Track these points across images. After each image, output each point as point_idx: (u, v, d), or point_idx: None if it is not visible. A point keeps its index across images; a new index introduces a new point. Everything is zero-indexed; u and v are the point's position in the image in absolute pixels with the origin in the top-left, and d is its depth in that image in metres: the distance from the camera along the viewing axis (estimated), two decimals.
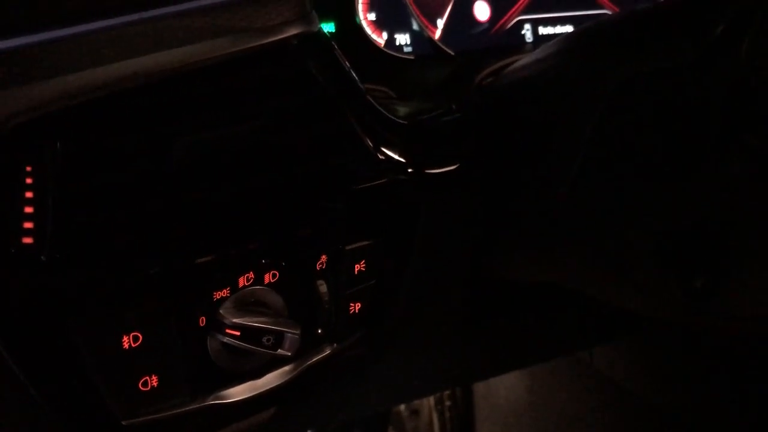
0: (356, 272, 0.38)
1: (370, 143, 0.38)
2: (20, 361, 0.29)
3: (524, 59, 0.47)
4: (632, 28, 0.39)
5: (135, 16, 0.32)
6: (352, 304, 0.38)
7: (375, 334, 0.40)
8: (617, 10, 0.60)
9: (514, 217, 0.45)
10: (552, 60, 0.43)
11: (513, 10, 0.55)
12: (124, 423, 0.32)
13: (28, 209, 0.28)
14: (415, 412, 1.26)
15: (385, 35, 0.51)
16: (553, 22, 0.56)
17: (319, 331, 0.37)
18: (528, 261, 0.48)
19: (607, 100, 0.37)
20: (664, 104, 0.34)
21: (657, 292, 0.38)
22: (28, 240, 0.28)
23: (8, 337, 0.28)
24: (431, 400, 1.22)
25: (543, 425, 1.19)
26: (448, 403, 1.23)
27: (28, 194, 0.28)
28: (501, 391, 1.23)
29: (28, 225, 0.28)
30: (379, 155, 0.38)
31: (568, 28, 0.56)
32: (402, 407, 1.25)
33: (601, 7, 0.58)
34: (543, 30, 0.56)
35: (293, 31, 0.36)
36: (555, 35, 0.55)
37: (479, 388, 1.24)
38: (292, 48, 0.36)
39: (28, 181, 0.28)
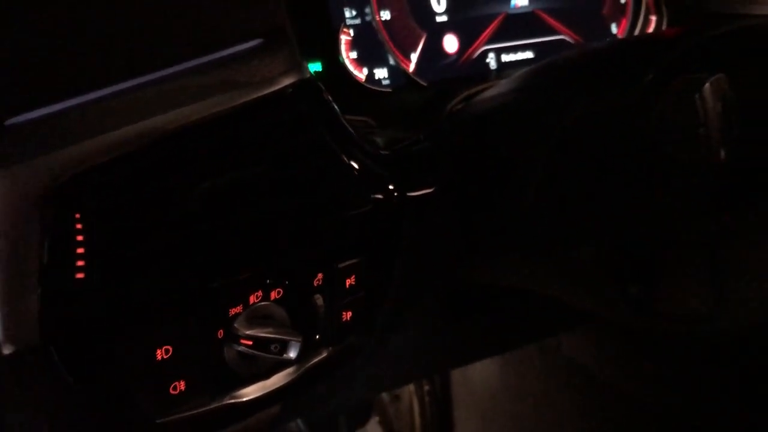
0: (347, 286, 0.43)
1: (358, 174, 0.43)
2: (73, 372, 0.34)
3: (490, 91, 0.52)
4: (581, 69, 0.45)
5: (158, 74, 0.38)
6: (344, 313, 0.44)
7: (365, 337, 0.45)
8: (576, 36, 0.64)
9: (485, 232, 0.51)
10: (513, 94, 0.49)
11: (479, 41, 0.60)
12: (158, 421, 0.37)
13: (80, 250, 0.33)
14: (396, 398, 1.30)
15: (365, 71, 0.56)
16: (515, 49, 0.61)
17: (317, 337, 0.43)
18: (498, 267, 0.54)
19: (562, 131, 0.43)
20: (608, 136, 0.40)
21: (602, 296, 0.45)
22: (80, 275, 0.33)
23: (65, 352, 0.34)
24: (411, 386, 1.26)
25: (515, 407, 1.23)
26: (427, 388, 1.27)
27: (79, 237, 0.33)
28: (476, 377, 1.27)
29: (80, 263, 0.33)
30: (366, 185, 0.43)
31: (529, 54, 0.62)
32: (384, 394, 1.28)
33: (560, 33, 0.63)
34: (506, 57, 0.61)
35: (288, 81, 0.41)
36: (517, 61, 0.61)
37: (456, 374, 1.28)
38: (288, 95, 0.41)
39: (78, 226, 0.33)
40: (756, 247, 0.36)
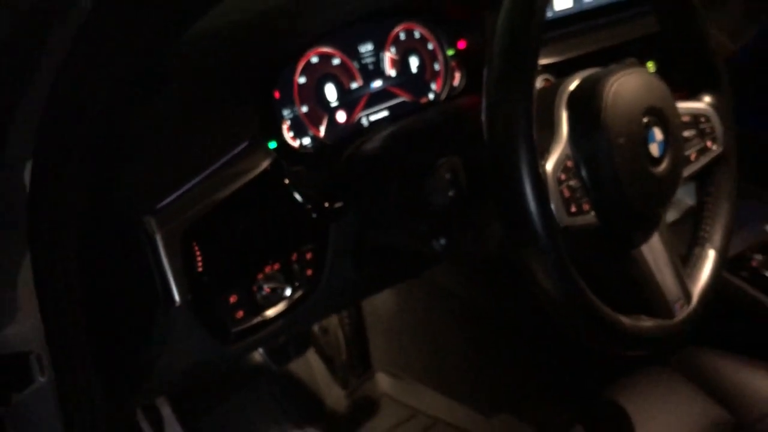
0: (308, 258, 0.82)
1: (305, 200, 0.82)
2: (200, 311, 0.74)
3: (367, 143, 0.87)
4: (403, 142, 0.86)
5: (211, 169, 0.77)
6: (307, 271, 0.82)
7: (318, 282, 0.85)
8: (411, 96, 0.94)
9: (372, 220, 0.85)
10: (376, 150, 0.89)
11: (356, 111, 0.90)
12: (232, 330, 0.78)
13: (199, 260, 0.73)
14: (325, 331, 1.57)
15: (298, 142, 0.85)
16: (377, 112, 0.92)
17: (297, 284, 0.81)
18: (381, 236, 0.91)
19: (397, 173, 0.84)
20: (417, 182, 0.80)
21: (430, 247, 0.87)
22: (200, 269, 0.73)
23: (198, 303, 0.73)
24: (336, 321, 1.54)
25: (408, 324, 1.57)
26: (347, 321, 1.55)
27: (198, 254, 0.73)
28: (381, 307, 1.59)
29: (199, 264, 0.73)
30: (309, 205, 0.83)
31: (385, 113, 0.92)
32: (316, 328, 1.56)
33: (401, 97, 0.95)
34: (372, 118, 0.91)
35: (266, 164, 0.78)
36: (379, 119, 0.92)
37: (367, 307, 1.57)
38: (267, 170, 0.79)
39: (196, 247, 0.73)
40: (479, 219, 0.78)
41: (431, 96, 1.01)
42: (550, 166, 0.65)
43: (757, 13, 1.54)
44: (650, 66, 1.20)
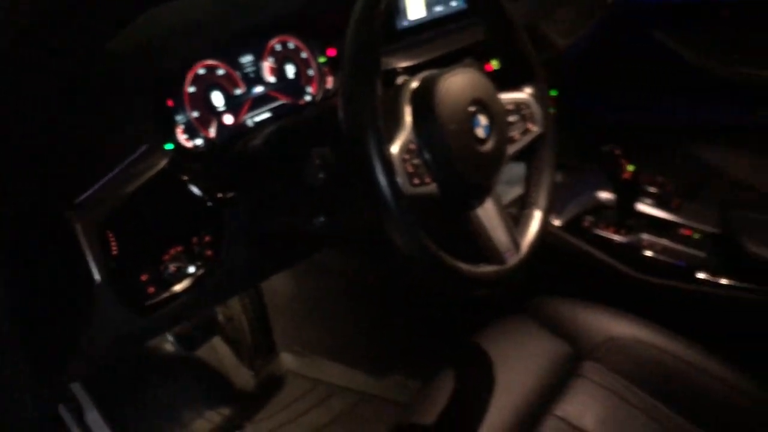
0: (207, 241, 0.97)
1: (204, 192, 0.97)
2: (115, 288, 0.87)
3: (253, 140, 1.03)
4: (281, 138, 1.02)
5: (119, 168, 0.91)
6: (207, 252, 0.97)
7: (218, 262, 1.01)
8: (290, 99, 1.07)
9: (261, 206, 1.04)
10: (260, 146, 1.04)
11: (241, 113, 1.01)
12: (145, 304, 0.91)
13: (113, 245, 0.86)
14: (230, 319, 1.66)
15: (192, 143, 0.96)
16: (260, 113, 1.03)
17: (199, 263, 0.97)
18: (270, 218, 1.07)
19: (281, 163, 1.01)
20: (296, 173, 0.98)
21: (314, 225, 1.03)
22: (115, 253, 0.86)
23: (113, 281, 0.87)
24: (240, 308, 1.63)
25: (308, 306, 1.69)
26: (249, 307, 1.65)
27: (112, 240, 0.86)
28: (280, 292, 1.70)
29: (114, 248, 0.86)
30: (204, 195, 0.98)
31: (268, 114, 1.03)
32: (221, 317, 1.65)
33: (280, 100, 1.08)
34: (256, 118, 1.03)
35: (164, 163, 0.92)
36: (263, 120, 1.03)
37: (267, 293, 1.67)
38: (165, 168, 0.93)
39: (111, 237, 0.86)
40: (350, 199, 0.95)
41: (308, 98, 1.13)
42: (395, 149, 0.82)
43: (589, 13, 1.78)
44: (495, 64, 1.41)
